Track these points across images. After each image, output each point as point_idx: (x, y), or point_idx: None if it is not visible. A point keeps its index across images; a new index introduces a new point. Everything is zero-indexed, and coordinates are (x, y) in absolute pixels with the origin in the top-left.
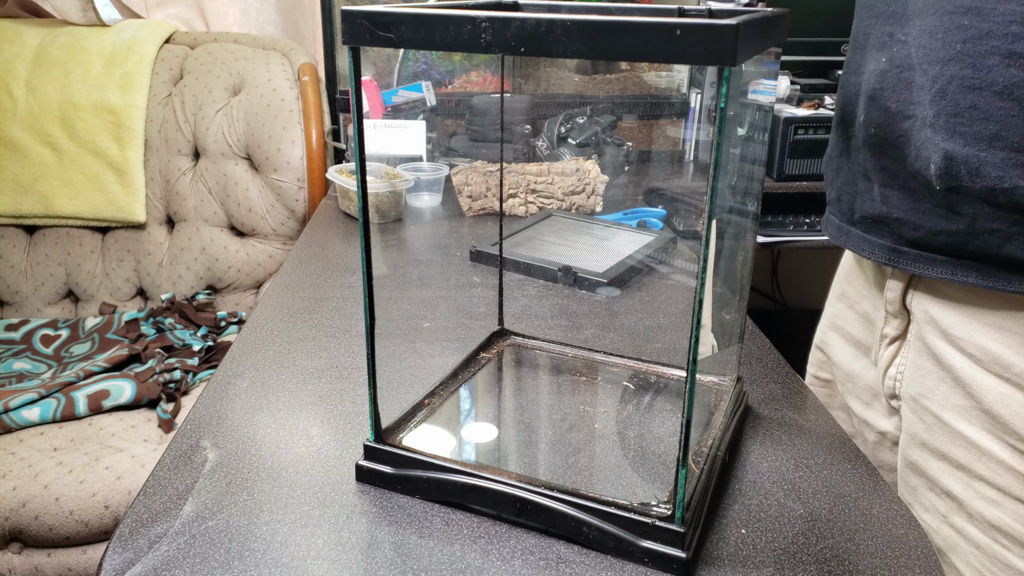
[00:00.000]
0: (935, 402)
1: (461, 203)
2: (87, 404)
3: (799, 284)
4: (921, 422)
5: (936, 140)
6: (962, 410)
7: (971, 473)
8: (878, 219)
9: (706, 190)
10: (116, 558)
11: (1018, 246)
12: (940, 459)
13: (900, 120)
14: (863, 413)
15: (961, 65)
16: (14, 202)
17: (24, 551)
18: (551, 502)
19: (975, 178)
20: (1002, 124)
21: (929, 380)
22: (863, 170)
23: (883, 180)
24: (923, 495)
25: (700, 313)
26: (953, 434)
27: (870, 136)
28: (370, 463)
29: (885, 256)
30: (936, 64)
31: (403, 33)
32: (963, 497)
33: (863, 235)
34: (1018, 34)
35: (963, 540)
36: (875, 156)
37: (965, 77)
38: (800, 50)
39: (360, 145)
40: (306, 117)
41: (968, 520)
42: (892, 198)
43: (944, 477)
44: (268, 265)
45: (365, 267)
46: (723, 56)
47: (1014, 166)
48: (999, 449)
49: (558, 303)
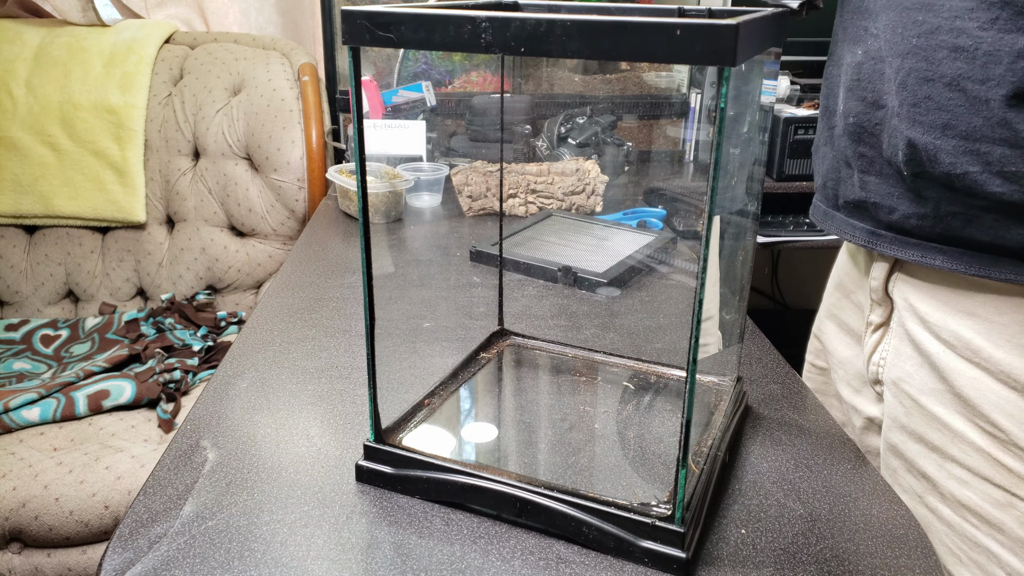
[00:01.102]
0: (913, 386)
1: (461, 203)
2: (87, 404)
3: (799, 284)
4: (901, 406)
5: (902, 128)
6: (938, 394)
7: (944, 455)
8: (859, 204)
9: (706, 190)
10: (116, 558)
11: (977, 228)
12: (917, 441)
13: (875, 109)
14: (852, 399)
15: (917, 58)
16: (14, 202)
17: (24, 551)
18: (551, 502)
19: (933, 164)
20: (952, 114)
21: (909, 365)
22: (844, 157)
23: (862, 167)
24: (902, 476)
25: (700, 313)
26: (929, 417)
27: (849, 125)
28: (370, 463)
29: (865, 239)
30: (898, 57)
31: (403, 33)
32: (936, 478)
33: (846, 219)
34: (962, 28)
35: (936, 520)
36: (854, 144)
37: (920, 69)
38: (800, 50)
39: (360, 145)
40: (306, 117)
41: (941, 500)
42: (870, 184)
43: (920, 459)
44: (268, 265)
45: (365, 267)
46: (723, 56)
47: (964, 153)
48: (970, 431)
49: (558, 303)
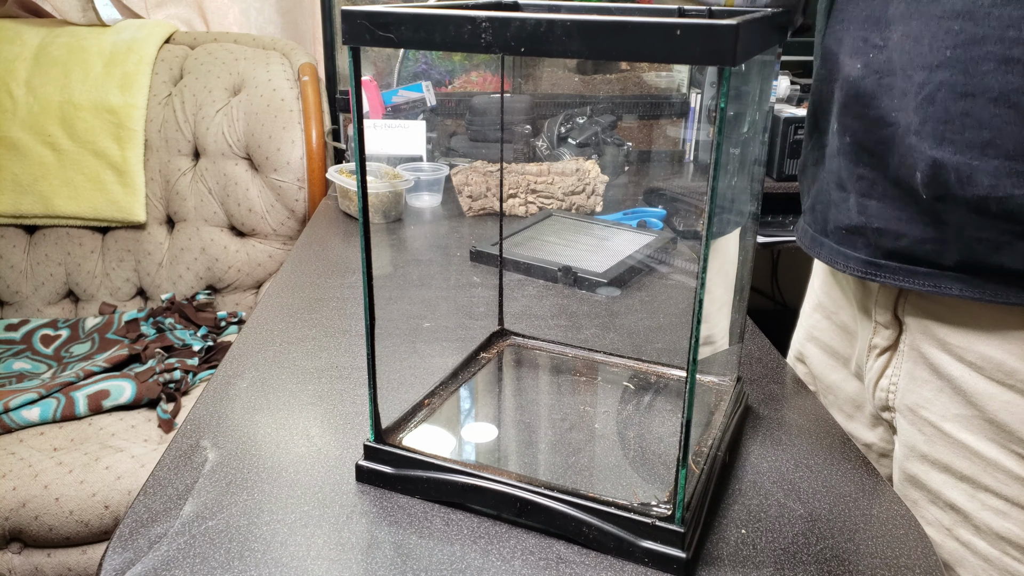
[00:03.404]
0: (934, 412)
1: (461, 203)
2: (87, 404)
3: (799, 284)
4: (920, 433)
5: (922, 148)
6: (963, 420)
7: (976, 484)
8: (853, 229)
9: (706, 190)
10: (116, 558)
11: (1008, 255)
12: (942, 471)
13: (880, 127)
14: (847, 425)
15: (952, 71)
16: (14, 202)
17: (24, 551)
18: (551, 502)
19: (966, 186)
20: (997, 131)
21: (926, 390)
22: (837, 179)
23: (860, 189)
24: (924, 508)
25: (700, 313)
26: (955, 445)
27: (846, 144)
28: (370, 463)
29: (861, 269)
30: (923, 70)
31: (403, 33)
32: (968, 509)
33: (836, 247)
34: (1015, 39)
35: (970, 553)
36: (852, 164)
37: (956, 83)
38: (800, 50)
39: (360, 145)
40: (306, 117)
41: (975, 533)
42: (871, 207)
43: (947, 489)
44: (268, 265)
45: (365, 267)
46: (723, 56)
47: (1008, 174)
48: (1005, 458)
49: (558, 303)
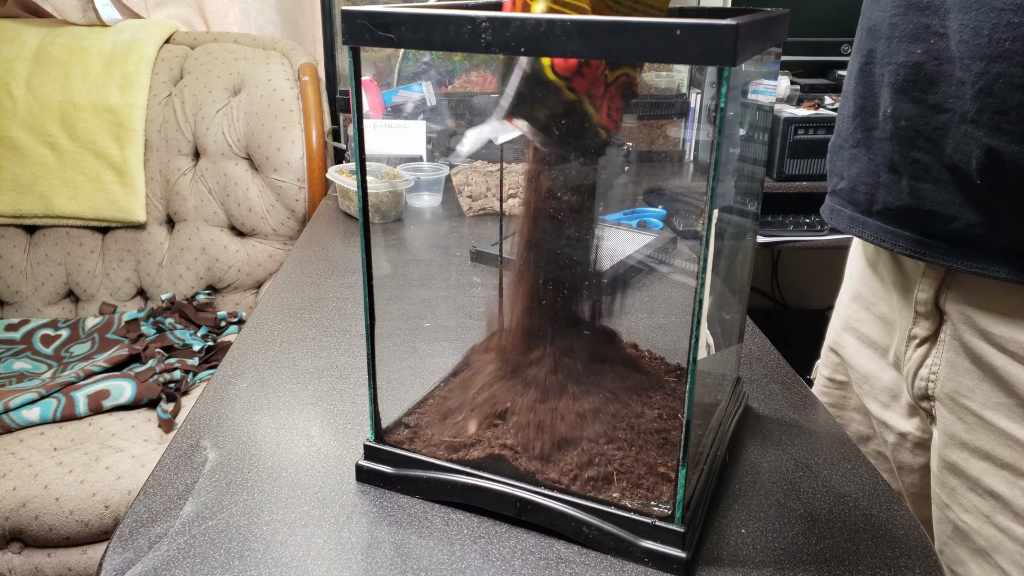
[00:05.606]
0: (976, 401)
1: (461, 203)
2: (87, 404)
3: (799, 284)
4: (961, 422)
5: (978, 135)
6: (1006, 408)
7: (1017, 471)
8: (904, 211)
9: (706, 190)
10: (116, 558)
11: None
12: (982, 458)
13: (936, 113)
14: (882, 415)
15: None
16: (14, 202)
17: (24, 551)
18: (551, 502)
19: (1020, 175)
20: None
21: (968, 379)
22: (888, 162)
23: (914, 173)
24: (963, 496)
25: (700, 313)
26: (997, 432)
27: (900, 128)
28: (370, 463)
29: (910, 248)
30: (980, 61)
31: (403, 33)
32: (1008, 496)
33: (883, 226)
34: None
35: (1008, 539)
36: (904, 148)
37: (1014, 75)
38: (800, 50)
39: (360, 145)
40: (306, 117)
41: (1014, 519)
42: (924, 190)
43: (987, 477)
44: (268, 265)
45: (365, 267)
46: (723, 56)
47: None
48: None
49: None
